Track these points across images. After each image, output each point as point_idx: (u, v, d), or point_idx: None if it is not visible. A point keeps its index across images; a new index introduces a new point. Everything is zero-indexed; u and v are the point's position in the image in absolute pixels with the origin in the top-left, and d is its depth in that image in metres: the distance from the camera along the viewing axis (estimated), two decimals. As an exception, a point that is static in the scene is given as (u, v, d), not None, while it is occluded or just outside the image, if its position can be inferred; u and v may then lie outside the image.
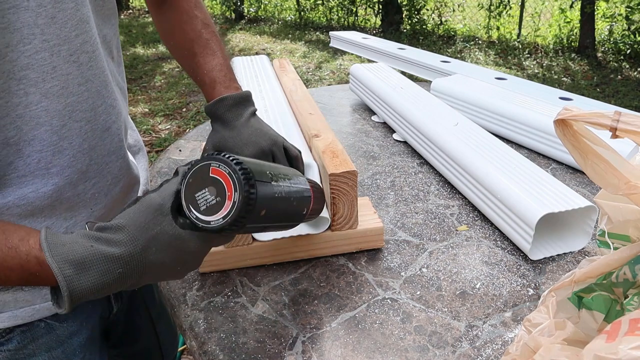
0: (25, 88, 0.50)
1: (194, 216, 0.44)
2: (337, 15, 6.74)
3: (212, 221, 0.43)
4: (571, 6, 5.38)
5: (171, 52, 0.78)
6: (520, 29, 5.62)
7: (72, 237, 0.43)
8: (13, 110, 0.50)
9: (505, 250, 0.74)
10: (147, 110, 3.75)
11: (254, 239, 0.70)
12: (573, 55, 5.00)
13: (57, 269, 0.41)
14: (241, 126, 0.67)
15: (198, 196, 0.44)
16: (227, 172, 0.43)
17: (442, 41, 5.70)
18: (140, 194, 0.73)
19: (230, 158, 0.44)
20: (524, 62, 4.89)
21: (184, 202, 0.44)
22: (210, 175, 0.43)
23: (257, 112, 0.71)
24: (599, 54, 4.95)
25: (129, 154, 0.66)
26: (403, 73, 1.48)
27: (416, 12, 6.09)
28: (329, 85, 4.28)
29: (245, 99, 0.70)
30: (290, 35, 6.20)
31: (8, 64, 0.48)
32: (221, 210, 0.43)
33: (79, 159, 0.57)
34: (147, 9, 8.05)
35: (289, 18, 7.06)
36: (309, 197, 0.56)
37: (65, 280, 0.40)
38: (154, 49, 5.55)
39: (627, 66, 4.64)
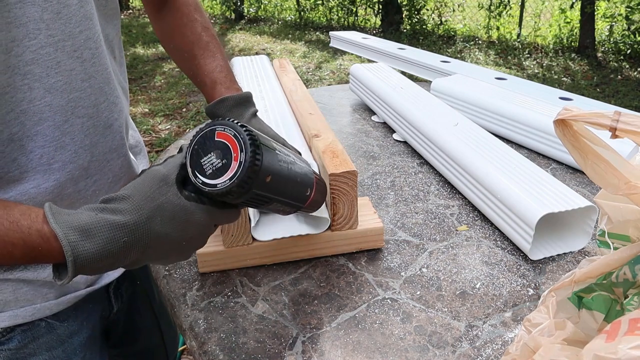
0: (30, 83, 0.50)
1: (200, 181, 0.44)
2: (337, 15, 6.74)
3: (218, 184, 0.43)
4: (571, 6, 5.38)
5: (171, 55, 0.78)
6: (520, 29, 5.62)
7: (76, 210, 0.43)
8: (17, 105, 0.50)
9: (505, 250, 0.74)
10: (147, 110, 3.75)
11: (254, 239, 0.70)
12: (573, 55, 5.00)
13: (62, 233, 0.41)
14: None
15: (204, 161, 0.44)
16: (232, 134, 0.43)
17: (442, 41, 5.70)
18: None
19: (236, 121, 0.44)
20: (524, 62, 4.89)
21: (189, 169, 0.45)
22: (216, 139, 0.44)
23: (257, 113, 0.71)
24: (599, 54, 4.95)
25: (130, 153, 0.66)
26: (403, 73, 1.48)
27: (416, 12, 6.09)
28: (329, 85, 4.28)
29: (246, 100, 0.71)
30: (290, 35, 6.20)
31: (13, 58, 0.48)
32: (227, 171, 0.43)
33: (80, 155, 0.57)
34: (147, 9, 8.04)
35: (289, 18, 7.06)
36: (311, 179, 0.56)
37: (70, 245, 0.40)
38: (154, 49, 5.55)
39: (627, 66, 4.64)
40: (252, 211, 0.69)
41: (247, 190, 0.44)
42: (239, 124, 0.44)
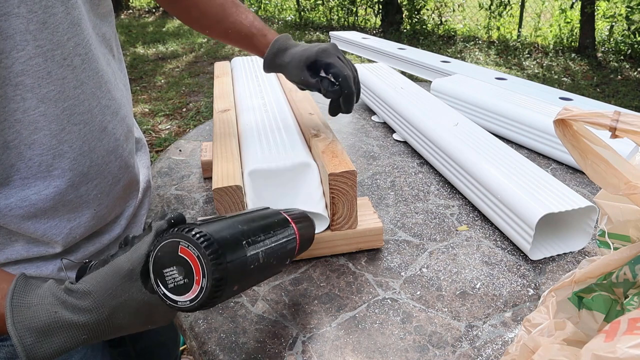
0: (22, 94, 0.50)
1: (162, 292, 0.42)
2: (337, 15, 6.74)
3: (179, 301, 0.41)
4: (571, 6, 5.38)
5: (196, 25, 0.82)
6: (520, 29, 5.62)
7: (40, 295, 0.43)
8: (11, 115, 0.50)
9: (505, 250, 0.74)
10: (147, 110, 3.75)
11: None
12: (573, 55, 5.00)
13: (17, 337, 0.41)
14: (302, 44, 0.77)
15: (166, 272, 0.42)
16: (195, 255, 0.40)
17: (442, 41, 5.70)
18: (141, 192, 0.73)
19: (200, 239, 0.40)
20: (524, 62, 4.89)
21: (152, 275, 0.42)
22: (179, 253, 0.41)
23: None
24: (599, 54, 4.95)
25: (126, 151, 0.66)
26: (403, 73, 1.48)
27: (416, 12, 6.09)
28: (329, 85, 4.27)
29: (288, 38, 0.79)
30: (290, 35, 6.20)
31: (3, 70, 0.48)
32: (189, 292, 0.41)
33: (79, 161, 0.57)
34: (147, 9, 8.05)
35: (289, 18, 7.06)
36: (293, 248, 0.53)
37: (24, 349, 0.41)
38: (154, 49, 5.55)
39: (627, 66, 4.64)
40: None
41: (210, 307, 0.42)
42: (204, 243, 0.40)
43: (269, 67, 0.79)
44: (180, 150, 1.10)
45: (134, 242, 0.45)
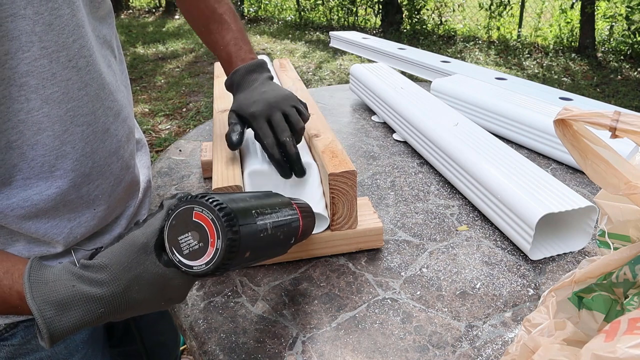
0: (26, 94, 0.50)
1: (177, 259, 0.43)
2: (337, 15, 6.74)
3: (194, 266, 0.43)
4: (571, 6, 5.38)
5: (192, 28, 0.81)
6: (520, 29, 5.62)
7: (56, 274, 0.43)
8: (15, 115, 0.50)
9: (505, 250, 0.74)
10: (147, 110, 3.75)
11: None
12: (573, 55, 5.00)
13: (37, 311, 0.41)
14: (254, 88, 0.71)
15: (181, 239, 0.43)
16: (209, 217, 0.42)
17: (442, 41, 5.70)
18: (141, 192, 0.73)
19: (213, 202, 0.42)
20: (524, 62, 4.89)
21: (167, 244, 0.44)
22: (193, 219, 0.43)
23: (273, 79, 0.74)
24: (599, 54, 4.95)
25: (128, 152, 0.66)
26: (403, 73, 1.48)
27: (416, 12, 6.09)
28: (329, 85, 4.28)
29: (259, 66, 0.73)
30: (290, 35, 6.20)
31: (8, 71, 0.48)
32: (204, 255, 0.42)
33: (82, 162, 0.57)
34: (147, 9, 8.05)
35: (289, 18, 7.06)
36: (297, 226, 0.55)
37: (45, 322, 0.41)
38: (154, 49, 5.55)
39: (627, 66, 4.64)
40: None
41: (224, 271, 0.43)
42: (217, 206, 0.42)
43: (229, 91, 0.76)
44: (180, 150, 1.10)
45: (146, 220, 0.46)
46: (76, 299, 0.42)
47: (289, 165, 0.69)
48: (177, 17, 7.37)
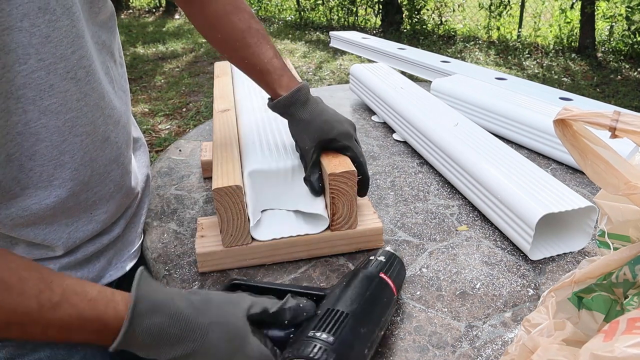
0: (24, 106, 0.50)
1: None
2: (337, 15, 6.74)
3: None
4: (571, 6, 5.38)
5: (216, 46, 0.77)
6: (520, 29, 5.62)
7: (162, 287, 0.48)
8: (13, 127, 0.50)
9: (505, 250, 0.74)
10: (147, 110, 3.75)
11: (253, 239, 0.70)
12: (573, 55, 5.00)
13: (135, 297, 0.44)
14: (325, 108, 0.76)
15: None
16: None
17: (442, 41, 5.70)
18: (140, 192, 0.73)
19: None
20: (524, 62, 4.89)
21: None
22: None
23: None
24: (599, 54, 4.95)
25: (127, 158, 0.66)
26: (403, 73, 1.48)
27: (416, 12, 6.09)
28: (329, 85, 4.28)
29: (308, 88, 0.76)
30: (290, 35, 6.20)
31: (5, 83, 0.48)
32: None
33: (80, 171, 0.57)
34: (147, 9, 8.05)
35: (289, 18, 7.07)
36: (395, 299, 0.58)
37: (132, 312, 0.43)
38: (154, 49, 5.55)
39: (627, 66, 4.64)
40: (251, 211, 0.69)
41: None
42: None
43: (276, 108, 0.74)
44: (180, 150, 1.10)
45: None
46: (168, 308, 0.45)
47: (364, 184, 0.73)
48: (177, 17, 7.38)
